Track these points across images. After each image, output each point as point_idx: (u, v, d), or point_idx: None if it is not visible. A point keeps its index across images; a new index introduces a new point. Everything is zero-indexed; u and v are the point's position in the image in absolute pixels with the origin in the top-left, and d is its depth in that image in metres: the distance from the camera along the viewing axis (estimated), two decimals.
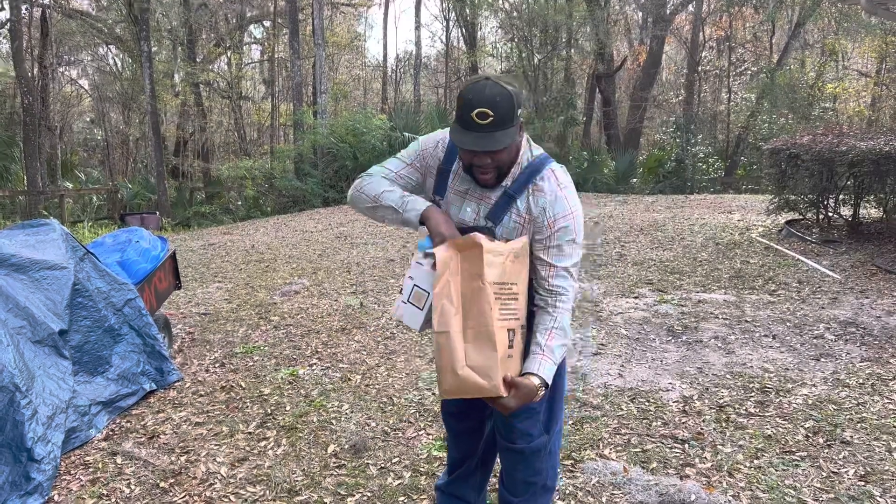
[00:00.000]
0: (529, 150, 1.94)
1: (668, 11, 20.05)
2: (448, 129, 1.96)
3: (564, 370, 2.21)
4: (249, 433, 3.38)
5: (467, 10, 21.58)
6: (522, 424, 2.08)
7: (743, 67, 21.40)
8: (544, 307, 1.91)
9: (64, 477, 3.00)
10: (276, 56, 24.06)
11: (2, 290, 3.26)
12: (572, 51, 20.14)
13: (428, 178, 2.04)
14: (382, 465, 3.02)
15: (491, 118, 1.75)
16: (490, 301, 1.76)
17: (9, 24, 17.19)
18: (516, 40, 19.42)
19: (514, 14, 19.49)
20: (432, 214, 1.92)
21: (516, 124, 1.81)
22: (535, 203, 1.89)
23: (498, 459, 2.35)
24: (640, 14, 22.26)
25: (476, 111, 1.75)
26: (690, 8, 21.09)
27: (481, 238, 1.80)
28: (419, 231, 1.96)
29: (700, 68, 21.27)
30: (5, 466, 2.80)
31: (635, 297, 5.79)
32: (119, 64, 26.00)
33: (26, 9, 18.53)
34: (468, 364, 1.77)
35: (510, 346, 1.81)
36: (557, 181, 1.91)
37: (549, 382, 1.86)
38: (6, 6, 16.89)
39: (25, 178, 17.56)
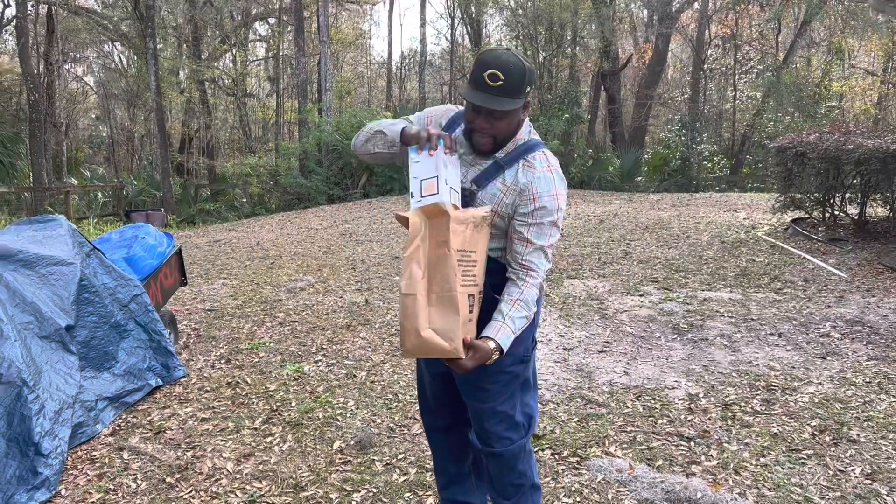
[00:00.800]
0: (529, 132, 2.03)
1: (673, 9, 19.97)
2: (450, 105, 2.12)
3: (534, 370, 2.22)
4: (255, 429, 3.39)
5: (472, 8, 21.53)
6: (495, 428, 2.10)
7: (749, 65, 21.29)
8: (514, 280, 1.98)
9: (71, 472, 3.01)
10: (281, 53, 24.03)
11: (9, 286, 3.27)
12: (577, 48, 20.06)
13: None
14: (388, 462, 3.03)
15: (501, 82, 1.83)
16: (455, 268, 1.84)
17: (15, 20, 17.25)
18: (521, 38, 19.35)
19: (520, 11, 19.43)
20: (411, 128, 2.02)
21: (523, 98, 1.88)
22: (524, 176, 1.96)
23: None
24: (646, 12, 22.15)
25: (489, 72, 1.83)
26: (696, 6, 21.03)
27: (448, 206, 1.87)
28: (401, 151, 2.03)
29: (706, 66, 21.18)
30: (13, 461, 2.81)
31: (641, 295, 5.78)
32: (124, 61, 26.06)
33: (32, 6, 18.57)
34: (431, 327, 1.85)
35: (470, 311, 1.89)
36: (548, 163, 1.99)
37: (505, 349, 1.92)
38: (12, 3, 16.94)
39: (31, 174, 17.61)
